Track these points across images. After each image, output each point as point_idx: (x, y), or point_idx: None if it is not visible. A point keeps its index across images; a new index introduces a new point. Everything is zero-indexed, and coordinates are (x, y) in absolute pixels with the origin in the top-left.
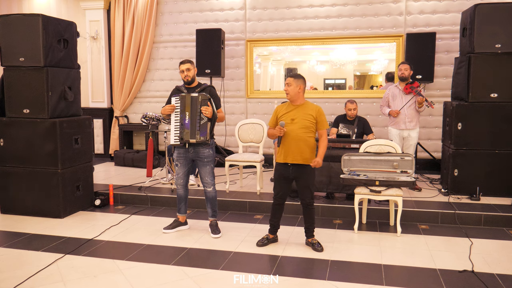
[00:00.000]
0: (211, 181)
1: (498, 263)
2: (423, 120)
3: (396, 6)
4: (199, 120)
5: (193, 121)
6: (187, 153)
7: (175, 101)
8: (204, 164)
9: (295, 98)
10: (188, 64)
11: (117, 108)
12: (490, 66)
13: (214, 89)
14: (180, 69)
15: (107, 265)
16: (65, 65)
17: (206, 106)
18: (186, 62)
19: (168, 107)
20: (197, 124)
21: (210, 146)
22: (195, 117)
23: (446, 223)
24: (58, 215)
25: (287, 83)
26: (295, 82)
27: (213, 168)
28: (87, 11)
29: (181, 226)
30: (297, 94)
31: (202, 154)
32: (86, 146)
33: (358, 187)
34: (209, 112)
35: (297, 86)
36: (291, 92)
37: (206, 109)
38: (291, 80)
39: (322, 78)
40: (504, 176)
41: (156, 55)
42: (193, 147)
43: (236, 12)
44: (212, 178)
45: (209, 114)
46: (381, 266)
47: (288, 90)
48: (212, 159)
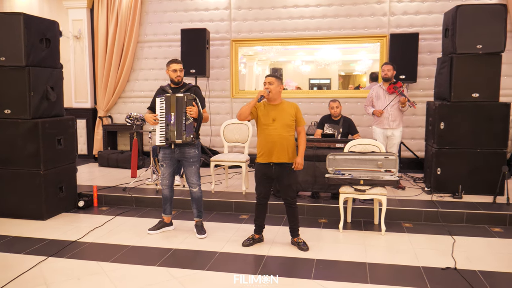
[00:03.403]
0: (196, 182)
1: (480, 260)
2: (406, 120)
3: (380, 6)
4: (184, 121)
5: (179, 122)
6: (172, 153)
7: (160, 102)
8: (190, 164)
9: (276, 97)
10: (181, 65)
11: (101, 108)
12: (472, 67)
13: (199, 89)
14: (172, 68)
15: (91, 267)
16: (47, 65)
17: (192, 106)
18: (179, 62)
19: (151, 118)
20: (183, 124)
21: (196, 147)
22: (181, 118)
23: (429, 221)
24: (40, 217)
25: (269, 82)
26: (276, 81)
27: (199, 168)
28: (70, 10)
29: (166, 227)
30: (278, 93)
31: (188, 155)
32: (69, 147)
33: (343, 186)
34: (194, 112)
35: (278, 85)
36: (273, 91)
37: (191, 109)
38: (273, 79)
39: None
40: (485, 174)
41: (140, 54)
42: (179, 148)
43: (221, 12)
44: (197, 178)
45: (194, 114)
46: (366, 265)
47: (270, 88)
48: (198, 159)
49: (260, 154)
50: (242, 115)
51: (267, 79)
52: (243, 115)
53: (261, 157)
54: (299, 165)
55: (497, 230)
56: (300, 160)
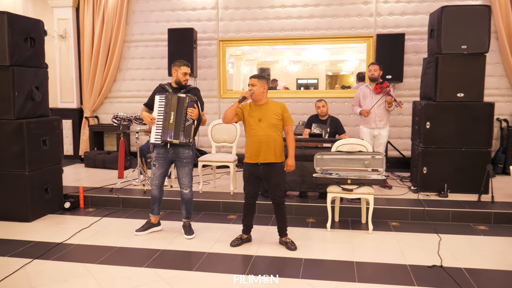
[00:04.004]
0: (188, 183)
1: (465, 258)
2: (393, 119)
3: (367, 7)
4: (184, 122)
5: (178, 122)
6: (166, 153)
7: (160, 100)
8: (183, 165)
9: (260, 98)
10: (189, 69)
11: (87, 108)
12: (457, 67)
13: (199, 91)
14: (184, 71)
15: (77, 269)
16: (32, 64)
17: (193, 108)
18: (189, 65)
19: (148, 118)
20: (182, 125)
21: (190, 148)
22: (180, 118)
23: (416, 219)
24: (25, 218)
25: (251, 84)
26: (259, 83)
27: (192, 170)
28: (55, 9)
29: (153, 227)
30: (262, 94)
31: (182, 155)
32: (55, 148)
33: (331, 185)
34: (195, 114)
35: (261, 86)
36: (256, 92)
37: (192, 111)
38: (255, 80)
39: (295, 78)
40: (470, 173)
41: (127, 54)
42: (173, 148)
43: (208, 12)
44: (190, 180)
45: (195, 116)
46: (354, 263)
47: (253, 90)
48: (192, 160)
49: (248, 154)
50: (227, 118)
51: (250, 81)
52: (228, 118)
53: (248, 157)
54: (290, 167)
55: (482, 228)
56: (291, 162)
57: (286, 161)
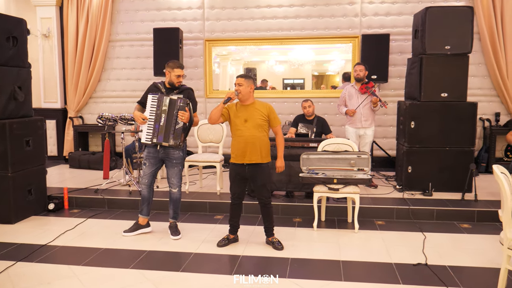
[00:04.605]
0: (177, 183)
1: (449, 256)
2: (378, 119)
3: (352, 7)
4: (174, 124)
5: (168, 125)
6: (157, 153)
7: (152, 100)
8: (173, 165)
9: (246, 98)
10: (183, 71)
11: (71, 108)
12: (441, 67)
13: (192, 92)
14: (177, 73)
15: (62, 271)
16: (14, 64)
17: (184, 111)
18: (183, 67)
19: (140, 118)
20: (172, 128)
21: (181, 149)
22: (171, 121)
23: (401, 218)
24: (8, 220)
25: (238, 83)
26: (246, 82)
27: (181, 170)
28: (38, 7)
29: (142, 228)
30: (248, 93)
31: (172, 156)
32: (38, 148)
33: (317, 185)
34: (185, 117)
35: (248, 86)
36: (243, 91)
37: (183, 114)
38: (242, 80)
39: (281, 78)
40: (454, 172)
41: (112, 54)
42: (164, 148)
43: (194, 12)
44: (179, 180)
45: (185, 120)
46: (340, 262)
47: (240, 90)
48: (182, 161)
49: (234, 154)
50: (212, 118)
51: (237, 80)
52: (213, 118)
53: (234, 158)
54: (280, 168)
55: (465, 226)
56: (280, 164)
57: (275, 163)
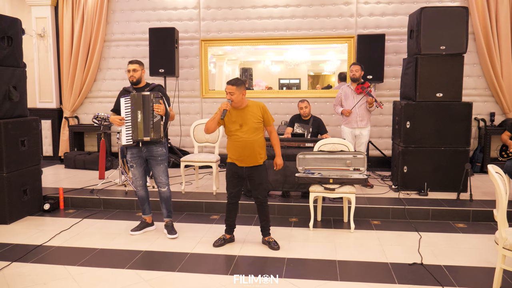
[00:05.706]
0: (165, 181)
1: (445, 255)
2: (374, 119)
3: (348, 8)
4: (152, 118)
5: (146, 120)
6: (140, 152)
7: (125, 102)
8: (158, 163)
9: (239, 104)
10: (136, 65)
11: (67, 108)
12: (436, 67)
13: (163, 88)
14: (128, 68)
15: (57, 271)
16: (9, 64)
17: (159, 104)
18: (134, 62)
19: (117, 119)
20: (151, 122)
21: (163, 145)
22: (148, 115)
23: (397, 218)
24: (3, 221)
25: (229, 93)
26: (237, 90)
27: (167, 167)
28: (33, 7)
29: (148, 227)
30: (241, 100)
31: (155, 153)
32: (34, 148)
33: (313, 185)
34: (161, 110)
35: (240, 92)
36: (236, 99)
37: (158, 107)
38: (233, 88)
39: (277, 78)
40: (449, 171)
41: (107, 54)
42: (146, 146)
43: (190, 11)
44: (166, 177)
45: (162, 112)
46: (336, 262)
47: (232, 98)
48: (166, 157)
49: (231, 156)
50: (209, 129)
51: (228, 89)
52: (210, 129)
53: (231, 159)
54: (279, 166)
55: (460, 225)
56: (279, 161)
57: (274, 161)
